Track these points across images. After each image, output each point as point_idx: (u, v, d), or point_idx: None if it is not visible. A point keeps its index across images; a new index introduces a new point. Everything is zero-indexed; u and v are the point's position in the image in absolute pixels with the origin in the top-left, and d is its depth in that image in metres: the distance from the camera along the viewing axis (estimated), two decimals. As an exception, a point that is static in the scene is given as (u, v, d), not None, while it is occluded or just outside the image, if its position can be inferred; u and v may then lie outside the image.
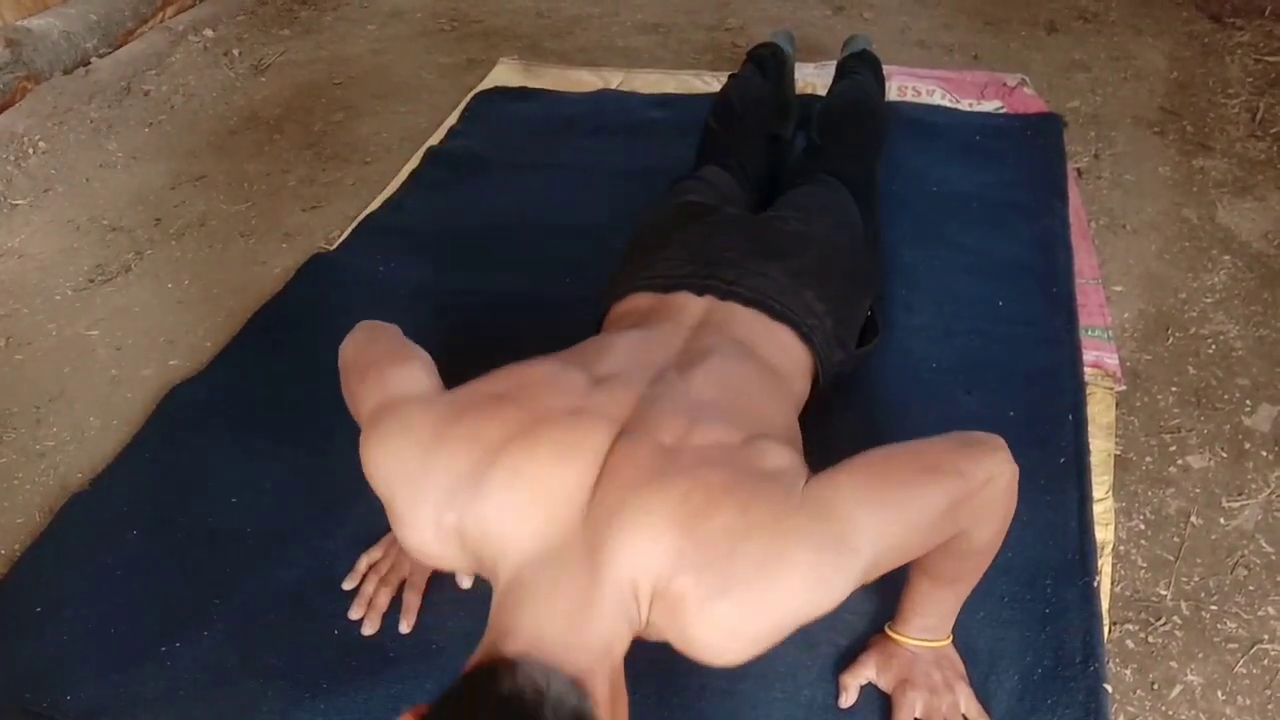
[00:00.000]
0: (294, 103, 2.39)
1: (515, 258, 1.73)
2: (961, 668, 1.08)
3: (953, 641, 1.10)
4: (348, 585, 1.20)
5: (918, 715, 1.05)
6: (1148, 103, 2.25)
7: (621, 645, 0.83)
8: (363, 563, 1.22)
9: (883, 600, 1.16)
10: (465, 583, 1.20)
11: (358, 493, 1.31)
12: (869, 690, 1.09)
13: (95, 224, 1.96)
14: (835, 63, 2.05)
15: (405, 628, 1.16)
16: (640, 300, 1.22)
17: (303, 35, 2.74)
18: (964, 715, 1.05)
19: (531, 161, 2.05)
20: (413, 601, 1.17)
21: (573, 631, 0.78)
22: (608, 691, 0.77)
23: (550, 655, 0.75)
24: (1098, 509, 1.28)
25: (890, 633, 1.10)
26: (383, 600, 1.17)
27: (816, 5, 2.75)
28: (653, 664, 1.11)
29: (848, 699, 1.08)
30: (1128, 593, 1.23)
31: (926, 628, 1.08)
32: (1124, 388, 1.50)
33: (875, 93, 1.91)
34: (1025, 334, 1.54)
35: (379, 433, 0.94)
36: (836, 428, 1.05)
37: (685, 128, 1.86)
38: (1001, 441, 0.93)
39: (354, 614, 1.17)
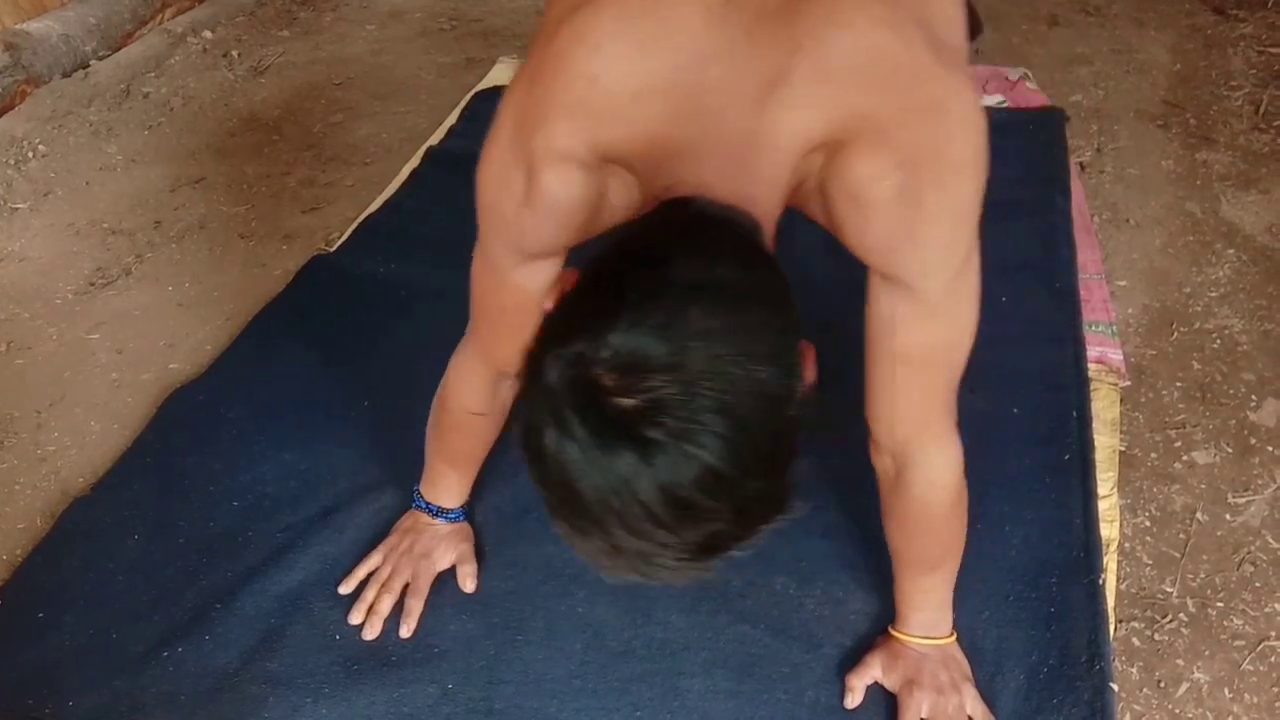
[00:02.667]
0: (293, 104, 2.38)
1: (516, 258, 1.72)
2: (967, 668, 1.08)
3: (957, 641, 1.09)
4: (344, 590, 1.20)
5: (924, 716, 1.04)
6: (1150, 96, 2.24)
7: (778, 210, 0.79)
8: (361, 569, 1.21)
9: (886, 601, 1.15)
10: (469, 585, 1.20)
11: (360, 497, 1.31)
12: (874, 691, 1.08)
13: (95, 227, 1.95)
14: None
15: (406, 632, 1.15)
16: None
17: (301, 36, 2.74)
18: (970, 716, 1.04)
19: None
20: (415, 606, 1.17)
21: (737, 187, 0.74)
22: (769, 230, 0.74)
23: (720, 199, 0.72)
24: (1102, 506, 1.27)
25: (893, 632, 1.10)
26: (385, 606, 1.17)
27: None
28: (656, 666, 1.11)
29: (853, 699, 1.07)
30: (1133, 590, 1.22)
31: (925, 623, 1.07)
32: (1128, 383, 1.49)
33: None
34: (1028, 330, 1.53)
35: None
36: (836, 429, 1.05)
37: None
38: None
39: (354, 619, 1.16)
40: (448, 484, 1.23)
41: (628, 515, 0.61)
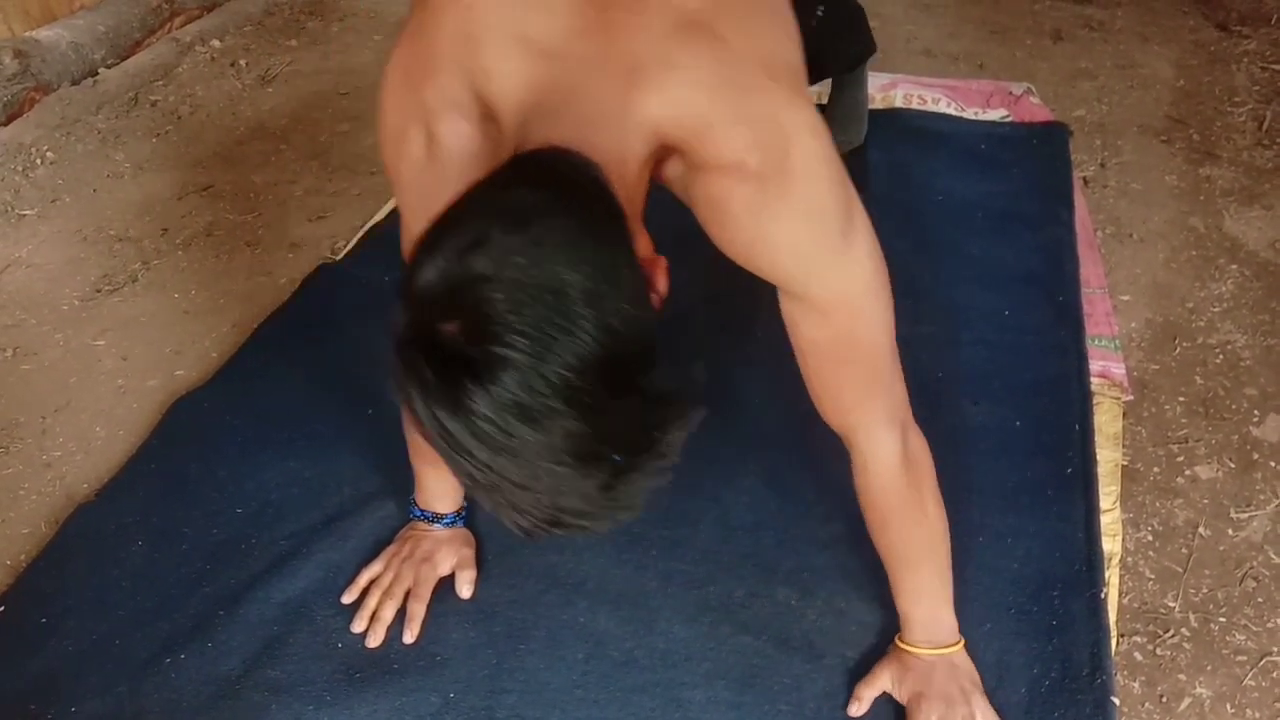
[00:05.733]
0: (300, 113, 2.40)
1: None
2: (977, 679, 1.08)
3: (964, 648, 1.09)
4: (347, 599, 1.20)
5: (932, 726, 1.04)
6: (1154, 111, 2.25)
7: (635, 170, 0.81)
8: (364, 577, 1.22)
9: (888, 613, 1.15)
10: (466, 591, 1.20)
11: (363, 505, 1.32)
12: (878, 702, 1.08)
13: (102, 234, 1.96)
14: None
15: (410, 638, 1.15)
16: None
17: (309, 46, 2.75)
18: (979, 726, 1.04)
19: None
20: (417, 611, 1.17)
21: (585, 140, 0.75)
22: (623, 195, 0.75)
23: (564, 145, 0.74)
24: (1105, 520, 1.27)
25: (899, 643, 1.10)
26: (387, 613, 1.17)
27: (822, 14, 2.75)
28: (657, 676, 1.11)
29: (859, 709, 1.07)
30: (1135, 604, 1.22)
31: (926, 629, 1.08)
32: (1131, 398, 1.49)
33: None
34: (1031, 344, 1.53)
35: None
36: (836, 439, 1.05)
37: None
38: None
39: (356, 627, 1.17)
40: (433, 488, 1.24)
41: (483, 439, 0.61)
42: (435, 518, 1.24)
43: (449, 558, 1.22)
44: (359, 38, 2.79)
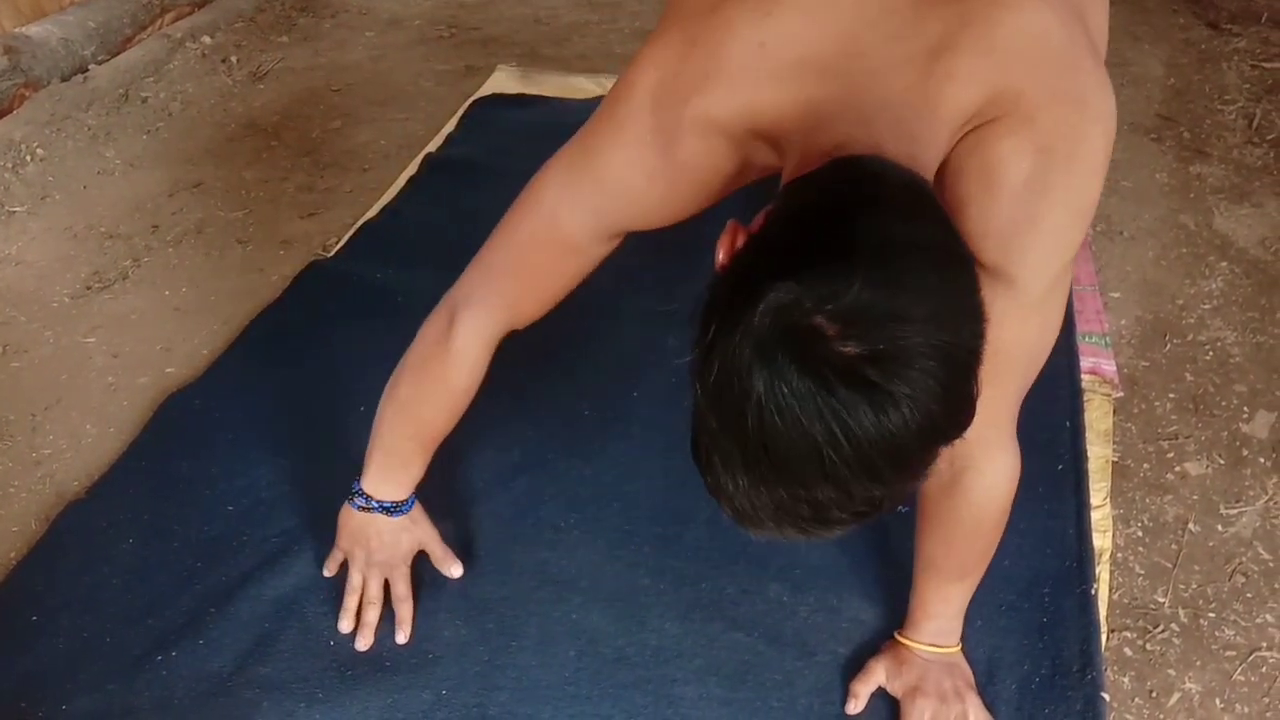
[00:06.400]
0: (292, 110, 2.39)
1: (513, 265, 1.72)
2: (971, 677, 1.08)
3: (961, 650, 1.10)
4: (344, 627, 1.17)
5: (925, 723, 1.04)
6: (1145, 109, 2.25)
7: (933, 173, 0.78)
8: (351, 601, 1.17)
9: (880, 609, 1.16)
10: (455, 571, 1.19)
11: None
12: (872, 700, 1.09)
13: (93, 231, 1.95)
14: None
15: (402, 638, 1.15)
16: None
17: (301, 42, 2.74)
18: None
19: (530, 168, 2.02)
20: (405, 611, 1.17)
21: (907, 152, 0.73)
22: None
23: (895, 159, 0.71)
24: (1095, 516, 1.28)
25: (901, 639, 1.10)
26: (371, 617, 1.16)
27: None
28: (649, 673, 1.11)
29: (856, 706, 1.08)
30: (1126, 600, 1.23)
31: (937, 631, 1.08)
32: (1121, 394, 1.50)
33: None
34: (1022, 341, 1.53)
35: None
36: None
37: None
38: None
39: (343, 628, 1.16)
40: (409, 470, 1.14)
41: (836, 460, 0.59)
42: (394, 508, 1.16)
43: (411, 545, 1.18)
44: (351, 34, 2.78)
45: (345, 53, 2.67)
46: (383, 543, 1.17)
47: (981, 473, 0.97)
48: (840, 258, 0.60)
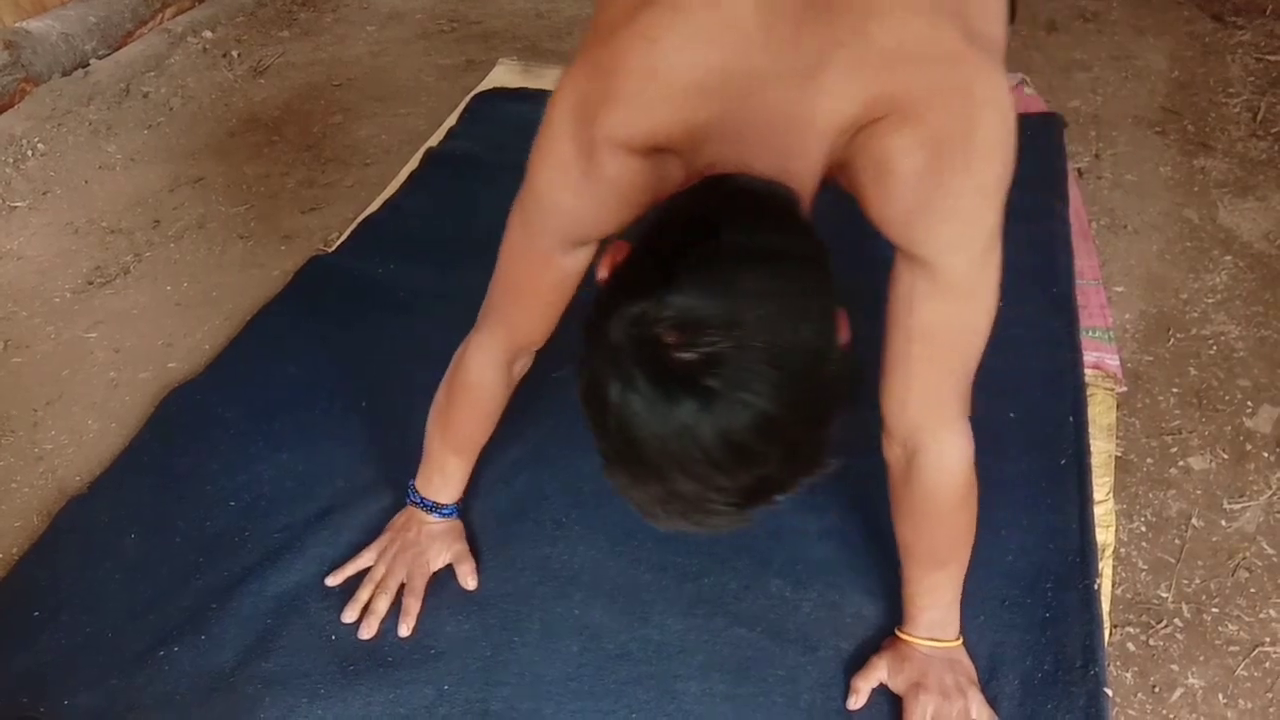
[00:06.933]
0: (293, 105, 2.39)
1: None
2: (973, 672, 1.08)
3: (963, 644, 1.09)
4: (331, 582, 1.20)
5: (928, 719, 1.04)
6: (1149, 102, 2.24)
7: (813, 185, 0.84)
8: (352, 566, 1.22)
9: (883, 604, 1.16)
10: (470, 583, 1.20)
11: (357, 497, 1.32)
12: (874, 694, 1.08)
13: (94, 226, 1.95)
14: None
15: (405, 631, 1.15)
16: None
17: (301, 37, 2.74)
18: (974, 720, 1.04)
19: (531, 163, 2.04)
20: (413, 606, 1.17)
21: (779, 165, 0.79)
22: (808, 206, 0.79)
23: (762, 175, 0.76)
24: (1098, 511, 1.27)
25: (900, 634, 1.10)
26: (381, 606, 1.17)
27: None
28: (652, 669, 1.11)
29: (857, 701, 1.08)
30: (1128, 595, 1.23)
31: (932, 624, 1.08)
32: (1125, 389, 1.49)
33: None
34: (1025, 335, 1.53)
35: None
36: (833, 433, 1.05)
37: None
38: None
39: (348, 618, 1.17)
40: (448, 475, 1.23)
41: (687, 460, 0.67)
42: (435, 507, 1.24)
43: (443, 552, 1.22)
44: (352, 29, 2.78)
45: (346, 47, 2.67)
46: (419, 537, 1.22)
47: (931, 455, 1.00)
48: (685, 270, 0.67)
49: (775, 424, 0.66)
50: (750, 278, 0.67)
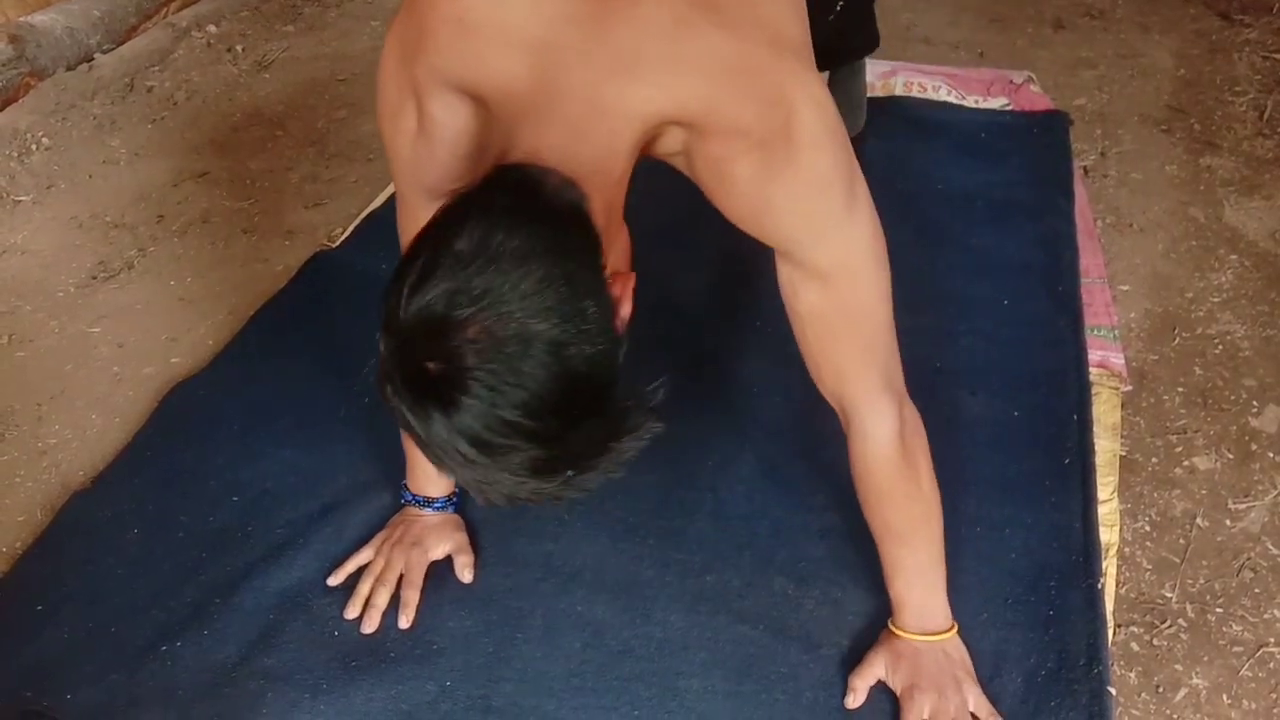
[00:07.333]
0: (297, 99, 2.38)
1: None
2: (969, 663, 1.08)
3: (957, 633, 1.09)
4: (332, 581, 1.20)
5: (925, 717, 1.04)
6: (1155, 101, 2.24)
7: (620, 164, 0.84)
8: (352, 562, 1.22)
9: (884, 603, 1.15)
10: (466, 575, 1.20)
11: (360, 493, 1.32)
12: (873, 691, 1.08)
13: (98, 221, 1.95)
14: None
15: (405, 623, 1.15)
16: None
17: (306, 32, 2.74)
18: (973, 715, 1.04)
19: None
20: (411, 597, 1.17)
21: (569, 148, 0.79)
22: (603, 206, 0.80)
23: (547, 163, 0.77)
24: (1102, 510, 1.27)
25: (892, 628, 1.10)
26: (381, 599, 1.17)
27: (821, 2, 2.73)
28: (654, 666, 1.11)
29: (855, 700, 1.07)
30: (1132, 595, 1.22)
31: (919, 613, 1.07)
32: (1130, 388, 1.49)
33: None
34: (1030, 334, 1.53)
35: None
36: (833, 428, 1.05)
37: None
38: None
39: (350, 613, 1.17)
40: (426, 470, 1.23)
41: (449, 455, 0.70)
42: (426, 502, 1.24)
43: (441, 543, 1.21)
44: (356, 23, 2.78)
45: (350, 42, 2.67)
46: (416, 530, 1.22)
47: (855, 424, 1.02)
48: (439, 270, 0.69)
49: (510, 423, 0.69)
50: (479, 280, 0.68)
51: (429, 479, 1.24)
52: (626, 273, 0.81)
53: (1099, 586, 1.17)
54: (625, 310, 0.78)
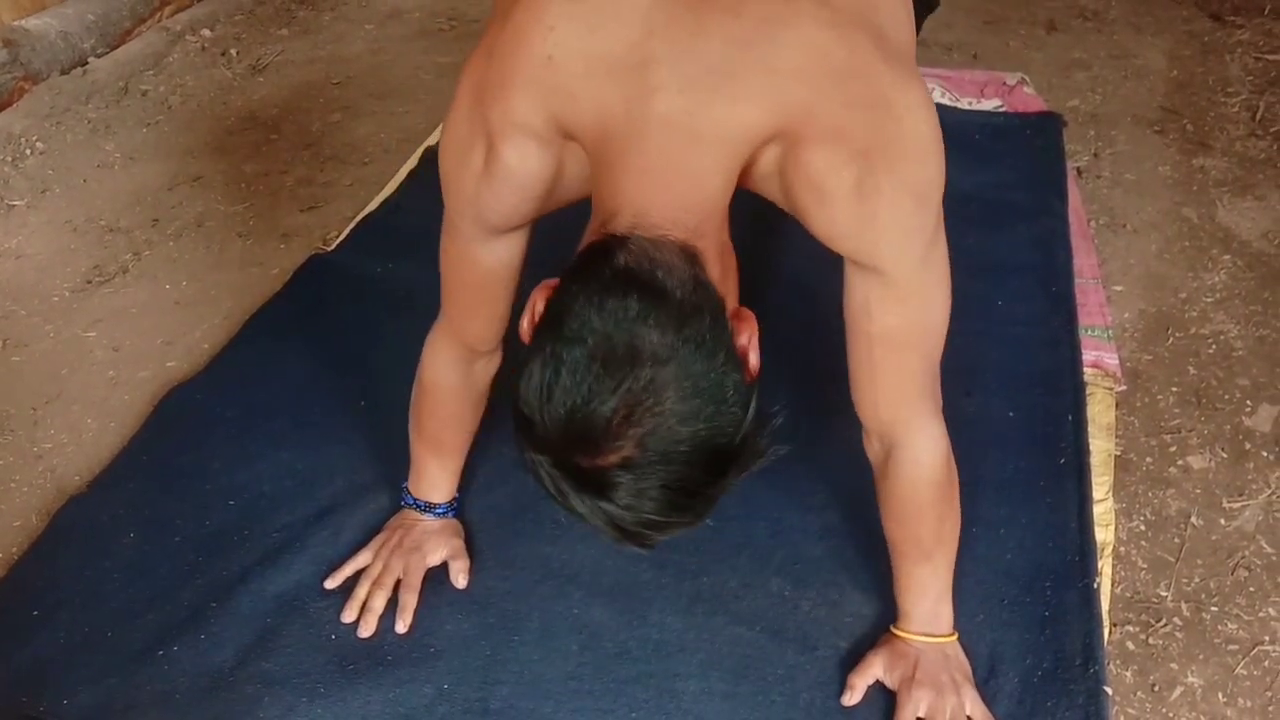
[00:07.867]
0: (292, 103, 2.38)
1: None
2: (968, 667, 1.08)
3: (958, 639, 1.09)
4: (330, 584, 1.20)
5: (921, 715, 1.04)
6: (1148, 101, 2.24)
7: (725, 199, 0.84)
8: (349, 566, 1.21)
9: (882, 604, 1.16)
10: (461, 581, 1.20)
11: (356, 496, 1.32)
12: (871, 691, 1.08)
13: (93, 225, 1.95)
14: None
15: (402, 627, 1.15)
16: None
17: (300, 35, 2.74)
18: (969, 716, 1.04)
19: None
20: (409, 601, 1.17)
21: (675, 200, 0.79)
22: (716, 249, 0.80)
23: (657, 225, 0.76)
24: (1098, 510, 1.27)
25: (894, 631, 1.10)
26: (378, 603, 1.17)
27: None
28: (651, 667, 1.11)
29: (852, 698, 1.08)
30: (1128, 594, 1.23)
31: (924, 618, 1.08)
32: (1124, 388, 1.49)
33: None
34: (1025, 334, 1.53)
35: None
36: (834, 427, 1.05)
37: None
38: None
39: (347, 617, 1.16)
40: (432, 476, 1.24)
41: (603, 527, 0.75)
42: (427, 507, 1.24)
43: (439, 548, 1.21)
44: (350, 27, 2.78)
45: (345, 46, 2.67)
46: (415, 534, 1.22)
47: (905, 448, 1.01)
48: (580, 370, 0.70)
49: (666, 524, 0.74)
50: (636, 381, 0.69)
51: (432, 484, 1.24)
52: (747, 315, 0.80)
53: (1095, 586, 1.17)
54: (754, 361, 0.78)
